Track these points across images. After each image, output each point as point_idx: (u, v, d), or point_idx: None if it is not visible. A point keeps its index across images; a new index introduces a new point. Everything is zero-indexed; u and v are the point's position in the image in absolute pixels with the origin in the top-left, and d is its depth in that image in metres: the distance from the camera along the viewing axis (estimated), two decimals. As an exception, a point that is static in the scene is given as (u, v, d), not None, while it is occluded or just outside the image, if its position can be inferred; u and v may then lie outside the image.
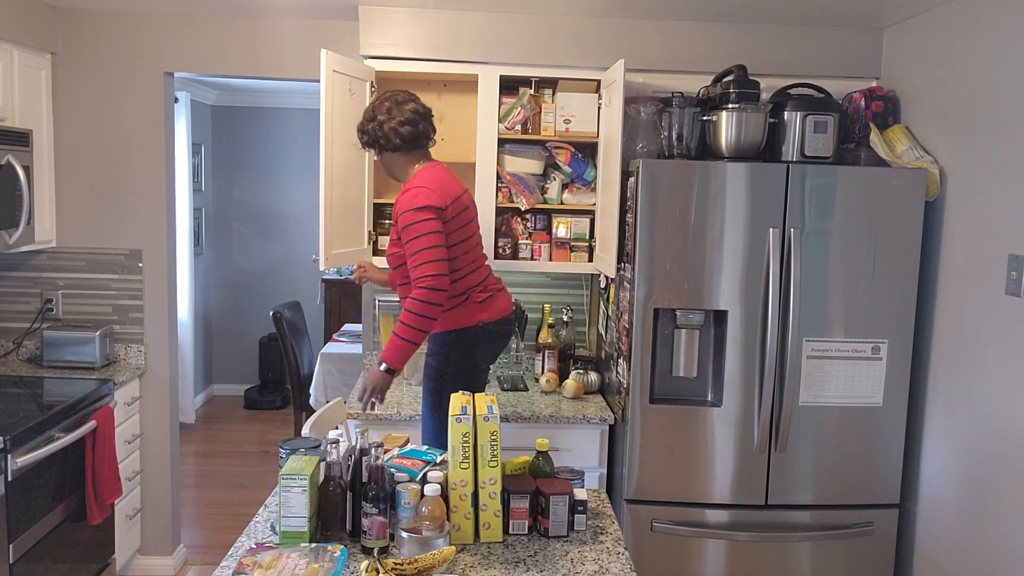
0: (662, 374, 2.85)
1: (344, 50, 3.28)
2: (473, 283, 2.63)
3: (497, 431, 1.92)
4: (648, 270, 2.75)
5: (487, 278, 2.71)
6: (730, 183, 2.71)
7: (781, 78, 3.12)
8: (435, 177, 2.57)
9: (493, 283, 2.73)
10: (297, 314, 5.11)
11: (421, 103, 2.64)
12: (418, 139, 2.60)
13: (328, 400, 3.90)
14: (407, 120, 2.57)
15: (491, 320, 2.66)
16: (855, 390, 2.79)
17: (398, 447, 2.17)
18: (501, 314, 2.70)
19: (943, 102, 2.78)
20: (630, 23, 3.17)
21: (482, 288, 2.66)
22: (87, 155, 3.46)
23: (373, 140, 2.61)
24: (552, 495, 1.97)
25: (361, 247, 3.13)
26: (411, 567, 1.68)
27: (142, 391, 3.57)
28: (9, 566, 2.59)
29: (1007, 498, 2.41)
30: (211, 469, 5.08)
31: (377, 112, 2.59)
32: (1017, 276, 2.37)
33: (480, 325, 2.63)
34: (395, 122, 2.56)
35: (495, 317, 2.67)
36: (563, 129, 3.20)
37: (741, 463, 2.80)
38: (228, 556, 1.80)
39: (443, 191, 2.54)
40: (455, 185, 2.63)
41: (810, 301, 2.74)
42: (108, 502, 3.14)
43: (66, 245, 3.51)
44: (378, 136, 2.59)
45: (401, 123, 2.56)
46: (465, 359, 2.64)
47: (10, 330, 3.53)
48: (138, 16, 3.41)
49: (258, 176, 6.63)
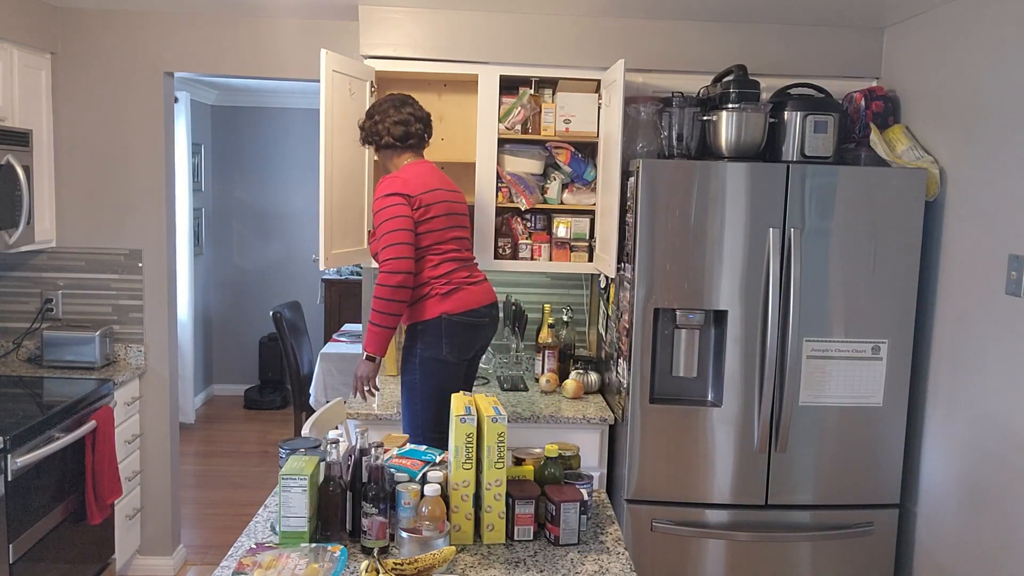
0: (662, 374, 2.85)
1: (344, 50, 3.28)
2: (437, 275, 2.67)
3: (504, 432, 1.92)
4: (648, 270, 2.75)
5: (455, 271, 2.70)
6: (730, 183, 2.71)
7: (781, 78, 3.12)
8: (413, 170, 2.71)
9: (462, 277, 2.71)
10: (297, 314, 5.11)
11: (419, 107, 2.78)
12: (408, 139, 2.73)
13: (328, 400, 3.90)
14: (400, 121, 2.72)
15: (455, 311, 2.67)
16: (855, 390, 2.79)
17: (398, 447, 2.17)
18: (467, 306, 2.69)
19: (943, 102, 2.78)
20: (630, 23, 3.17)
21: (447, 281, 2.67)
22: (87, 155, 3.46)
23: (368, 136, 2.77)
24: (563, 502, 1.93)
25: (361, 247, 3.13)
26: (411, 567, 1.68)
27: (142, 391, 3.57)
28: (9, 566, 2.59)
29: (1007, 498, 2.41)
30: (211, 469, 5.08)
31: (375, 111, 2.76)
32: (1017, 276, 2.37)
33: (443, 316, 2.66)
34: (389, 122, 2.72)
35: (460, 309, 2.68)
36: (563, 129, 3.20)
37: (741, 463, 2.80)
38: (228, 556, 1.80)
39: (416, 181, 2.66)
40: (433, 180, 2.71)
41: (810, 301, 2.74)
42: (108, 502, 3.14)
43: (66, 245, 3.51)
44: (372, 133, 2.76)
45: (395, 123, 2.71)
46: (430, 351, 2.67)
47: (10, 330, 3.53)
48: (138, 16, 3.41)
49: (258, 176, 6.63)
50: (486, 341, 2.83)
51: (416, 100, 2.78)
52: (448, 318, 2.66)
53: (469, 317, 2.70)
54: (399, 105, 2.73)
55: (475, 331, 2.74)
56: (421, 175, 2.68)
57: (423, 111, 2.77)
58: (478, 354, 2.84)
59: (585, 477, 2.10)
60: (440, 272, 2.67)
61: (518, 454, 2.21)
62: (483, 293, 2.76)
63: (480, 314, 2.74)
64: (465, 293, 2.70)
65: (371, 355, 2.64)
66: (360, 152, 3.05)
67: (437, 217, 2.67)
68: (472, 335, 2.74)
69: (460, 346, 2.71)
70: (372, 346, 2.62)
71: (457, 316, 2.67)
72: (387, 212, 2.60)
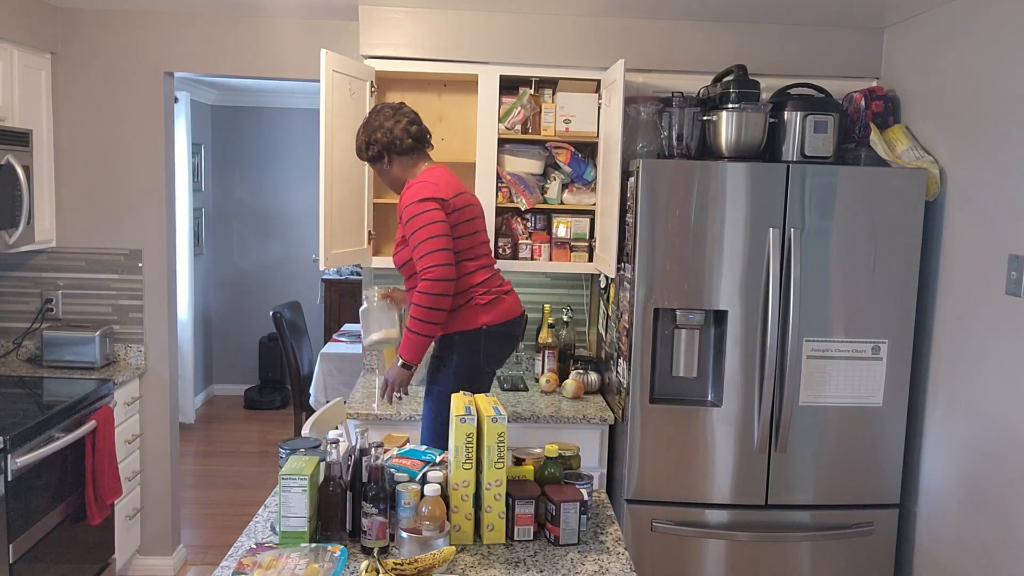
0: (662, 374, 2.85)
1: (344, 50, 3.28)
2: (475, 282, 2.62)
3: (504, 432, 1.92)
4: (648, 270, 2.75)
5: (491, 279, 2.68)
6: (730, 183, 2.71)
7: (781, 78, 3.12)
8: (437, 174, 2.63)
9: (498, 285, 2.69)
10: (297, 314, 5.11)
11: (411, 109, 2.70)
12: (424, 137, 2.69)
13: (328, 400, 3.90)
14: (413, 120, 2.66)
15: (495, 322, 2.63)
16: (855, 390, 2.79)
17: (398, 447, 2.17)
18: (506, 316, 2.66)
19: (943, 102, 2.78)
20: (630, 23, 3.17)
21: (486, 290, 2.64)
22: (87, 155, 3.46)
23: (386, 146, 2.63)
24: (563, 502, 1.93)
25: (361, 247, 3.13)
26: (411, 567, 1.68)
27: (142, 391, 3.57)
28: (9, 566, 2.59)
29: (1007, 498, 2.41)
30: (211, 469, 5.08)
31: (381, 120, 2.64)
32: (1017, 276, 2.37)
33: (484, 327, 2.61)
34: (404, 123, 2.64)
35: (500, 319, 2.64)
36: (563, 129, 3.20)
37: (741, 463, 2.80)
38: (228, 556, 1.80)
39: (445, 185, 2.58)
40: (459, 184, 2.66)
41: (810, 301, 2.74)
42: (108, 502, 3.14)
43: (66, 245, 3.51)
44: (391, 140, 2.62)
45: (409, 123, 2.65)
46: (467, 361, 2.62)
47: (10, 330, 3.53)
48: (138, 16, 3.41)
49: (258, 176, 6.63)
50: (514, 350, 2.81)
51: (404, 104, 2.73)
52: (489, 329, 2.62)
53: (507, 328, 2.67)
54: (397, 108, 2.66)
55: (511, 341, 2.72)
56: (447, 178, 2.61)
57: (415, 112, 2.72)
58: None
59: (585, 477, 2.10)
60: (478, 280, 2.62)
61: (518, 454, 2.21)
62: (516, 303, 2.73)
63: (517, 324, 2.72)
64: (504, 303, 2.67)
65: (407, 363, 2.56)
66: (360, 152, 3.05)
67: (469, 221, 2.62)
68: (508, 346, 2.72)
69: (497, 356, 2.70)
70: (409, 354, 2.53)
71: (496, 327, 2.64)
72: (423, 218, 2.48)
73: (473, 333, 2.61)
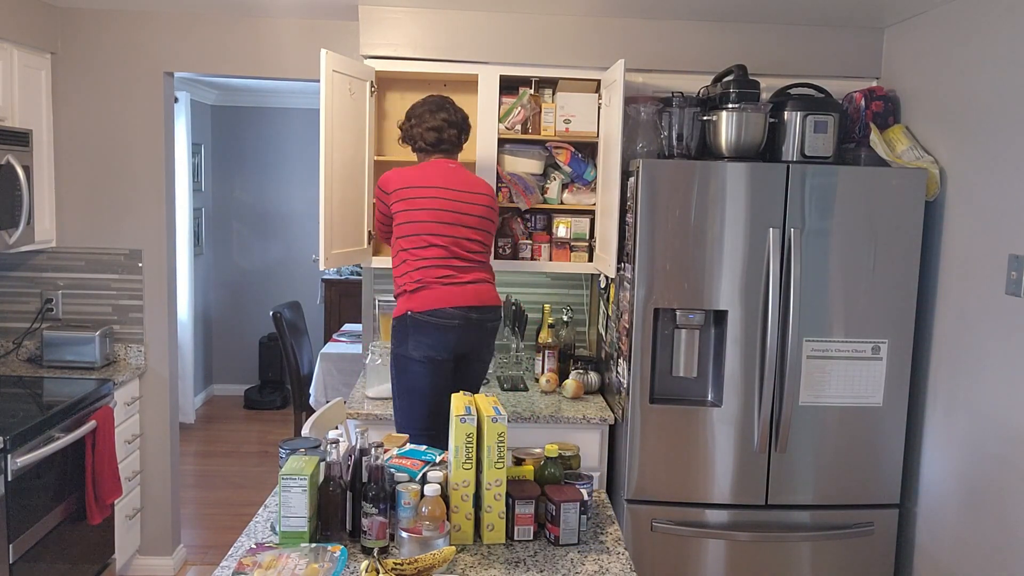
0: (662, 374, 2.85)
1: (344, 50, 3.28)
2: (406, 271, 2.70)
3: (504, 432, 1.92)
4: (648, 270, 2.75)
5: (427, 268, 2.66)
6: (730, 183, 2.71)
7: (781, 78, 3.12)
8: (415, 169, 2.76)
9: (436, 276, 2.66)
10: (297, 314, 5.11)
11: (455, 111, 2.80)
12: (440, 144, 2.78)
13: (328, 400, 3.90)
14: (434, 127, 2.76)
15: (420, 310, 2.64)
16: (855, 390, 2.79)
17: (398, 447, 2.17)
18: (433, 305, 2.63)
19: (943, 102, 2.78)
20: (630, 23, 3.17)
21: (419, 278, 2.66)
22: (87, 155, 3.46)
23: (405, 138, 2.85)
24: (563, 502, 1.93)
25: (361, 247, 3.13)
26: (411, 567, 1.68)
27: (142, 391, 3.57)
28: (9, 566, 2.59)
29: (1007, 498, 2.41)
30: (211, 469, 5.08)
31: (413, 114, 2.81)
32: (1017, 276, 2.37)
33: (408, 314, 2.67)
34: (424, 127, 2.76)
35: (425, 308, 2.64)
36: (563, 129, 3.20)
37: (741, 463, 2.80)
38: (228, 556, 1.80)
39: (401, 176, 2.72)
40: (430, 177, 2.71)
41: (810, 301, 2.74)
42: (108, 502, 3.14)
43: (66, 245, 3.51)
44: (408, 136, 2.83)
45: (428, 129, 2.76)
46: (400, 347, 2.70)
47: (10, 330, 3.53)
48: (138, 16, 3.41)
49: (258, 176, 6.63)
50: (471, 346, 2.72)
51: (453, 103, 2.80)
52: (413, 316, 2.66)
53: (433, 317, 2.63)
54: (435, 110, 2.75)
55: (444, 332, 2.65)
56: (412, 170, 2.74)
57: (458, 114, 2.78)
58: (469, 357, 2.74)
59: (585, 477, 2.10)
60: (408, 269, 2.69)
61: (518, 454, 2.21)
62: (460, 294, 2.66)
63: (447, 315, 2.63)
64: (433, 292, 2.64)
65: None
66: (360, 152, 3.05)
67: (416, 211, 2.68)
68: (442, 336, 2.65)
69: (429, 345, 2.64)
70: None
71: (420, 315, 2.64)
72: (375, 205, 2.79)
73: (402, 319, 2.69)
